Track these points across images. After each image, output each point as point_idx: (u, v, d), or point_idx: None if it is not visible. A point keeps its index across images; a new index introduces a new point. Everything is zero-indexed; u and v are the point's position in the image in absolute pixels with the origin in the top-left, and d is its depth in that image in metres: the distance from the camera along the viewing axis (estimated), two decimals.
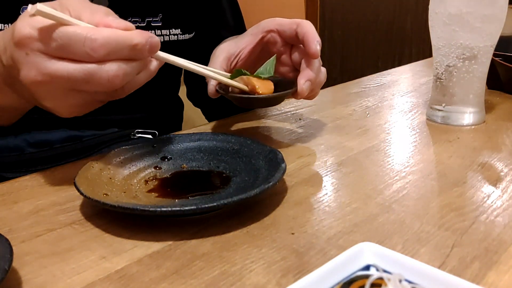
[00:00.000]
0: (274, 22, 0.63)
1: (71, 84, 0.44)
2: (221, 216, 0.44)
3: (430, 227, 0.41)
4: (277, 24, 0.62)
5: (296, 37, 0.60)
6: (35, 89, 0.45)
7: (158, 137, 0.56)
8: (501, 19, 0.65)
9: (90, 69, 0.43)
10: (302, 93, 0.58)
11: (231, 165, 0.52)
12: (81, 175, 0.46)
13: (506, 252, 0.38)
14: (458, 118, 0.69)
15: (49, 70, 0.43)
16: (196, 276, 0.35)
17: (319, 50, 0.58)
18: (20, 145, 0.70)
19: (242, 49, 0.64)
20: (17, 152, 0.70)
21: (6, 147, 0.70)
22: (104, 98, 0.49)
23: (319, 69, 0.60)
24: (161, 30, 0.73)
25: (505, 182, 0.50)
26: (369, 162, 0.56)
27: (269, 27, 0.63)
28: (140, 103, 0.79)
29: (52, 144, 0.71)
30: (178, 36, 0.76)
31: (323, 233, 0.41)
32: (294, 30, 0.60)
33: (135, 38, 0.44)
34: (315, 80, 0.59)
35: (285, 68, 0.65)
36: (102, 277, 0.36)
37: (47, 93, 0.46)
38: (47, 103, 0.47)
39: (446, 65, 0.67)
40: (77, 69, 0.43)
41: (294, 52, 0.63)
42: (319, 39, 0.59)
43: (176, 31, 0.75)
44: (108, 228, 0.42)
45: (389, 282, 0.29)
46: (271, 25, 0.63)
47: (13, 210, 0.46)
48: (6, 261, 0.33)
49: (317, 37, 0.59)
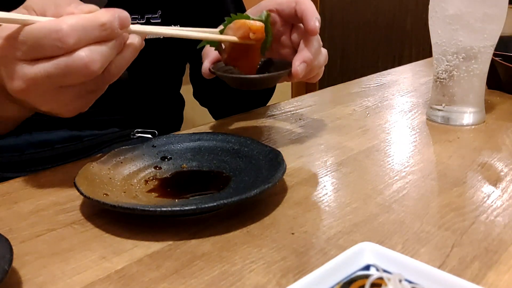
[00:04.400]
0: (273, 1, 0.61)
1: (54, 82, 0.43)
2: (221, 216, 0.44)
3: (430, 227, 0.41)
4: (276, 4, 0.61)
5: (295, 15, 0.59)
6: (25, 98, 0.45)
7: (158, 137, 0.56)
8: (501, 19, 0.65)
9: (64, 61, 0.42)
10: (297, 75, 0.56)
11: (231, 165, 0.52)
12: (81, 175, 0.46)
13: (506, 252, 0.38)
14: (458, 118, 0.69)
15: (29, 76, 0.43)
16: (196, 276, 0.35)
17: (318, 26, 0.56)
18: (20, 145, 0.70)
19: None
20: (17, 153, 0.70)
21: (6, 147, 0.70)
22: (94, 87, 0.47)
23: (318, 50, 0.58)
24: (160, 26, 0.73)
25: (505, 182, 0.50)
26: (369, 162, 0.56)
27: (268, 7, 0.61)
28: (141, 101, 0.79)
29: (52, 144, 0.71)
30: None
31: (323, 233, 0.41)
32: (293, 8, 0.59)
33: (101, 17, 0.43)
34: (312, 62, 0.57)
35: (285, 49, 0.63)
36: (102, 277, 0.36)
37: (38, 98, 0.45)
38: (43, 107, 0.47)
39: (446, 65, 0.67)
40: (53, 65, 0.42)
41: (294, 32, 0.61)
42: (318, 16, 0.57)
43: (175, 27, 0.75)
44: (108, 228, 0.42)
45: (389, 282, 0.29)
46: (270, 5, 0.61)
47: (13, 210, 0.46)
48: (6, 261, 0.33)
49: (316, 13, 0.57)
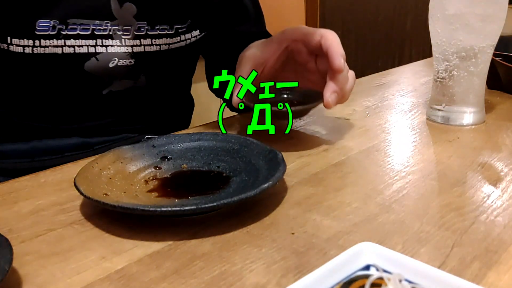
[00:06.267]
0: (299, 31, 0.63)
1: None
2: (221, 216, 0.44)
3: (430, 227, 0.41)
4: (302, 34, 0.62)
5: (320, 48, 0.61)
6: None
7: (158, 137, 0.56)
8: (501, 18, 0.65)
9: None
10: (329, 106, 0.59)
11: (231, 165, 0.52)
12: (81, 175, 0.46)
13: (506, 252, 0.38)
14: (458, 118, 0.69)
15: None
16: (196, 276, 0.35)
17: (343, 63, 0.58)
18: (31, 151, 0.70)
19: (267, 58, 0.64)
20: (28, 159, 0.70)
21: (17, 153, 0.70)
22: None
23: (345, 78, 0.61)
24: (185, 34, 0.73)
25: (505, 182, 0.50)
26: (369, 162, 0.56)
27: (294, 37, 0.63)
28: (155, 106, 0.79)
29: (63, 152, 0.71)
30: (197, 37, 0.76)
31: (323, 233, 0.41)
32: (318, 41, 0.60)
33: None
34: (341, 91, 0.60)
35: (313, 76, 0.65)
36: (102, 277, 0.36)
37: None
38: None
39: (446, 64, 0.67)
40: None
41: (319, 60, 0.63)
42: (343, 52, 0.59)
43: (196, 32, 0.75)
44: (108, 228, 0.42)
45: (389, 282, 0.29)
46: (296, 35, 0.63)
47: (13, 210, 0.46)
48: (6, 261, 0.33)
49: (341, 49, 0.59)
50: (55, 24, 0.62)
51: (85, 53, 0.65)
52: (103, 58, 0.67)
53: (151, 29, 0.69)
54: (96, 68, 0.67)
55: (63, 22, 0.62)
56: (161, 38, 0.71)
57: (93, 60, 0.66)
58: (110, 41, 0.67)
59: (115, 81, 0.70)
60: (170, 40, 0.72)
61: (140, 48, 0.69)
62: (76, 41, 0.64)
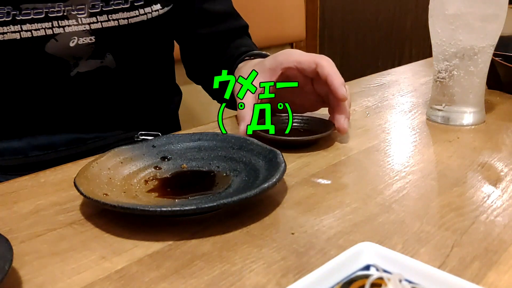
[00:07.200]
0: (292, 58, 0.62)
1: None
2: (221, 216, 0.44)
3: (430, 227, 0.41)
4: (296, 62, 0.62)
5: (316, 74, 0.61)
6: None
7: (158, 137, 0.56)
8: (501, 18, 0.65)
9: None
10: (344, 131, 0.61)
11: (231, 165, 0.52)
12: (81, 175, 0.46)
13: (506, 252, 0.38)
14: (458, 118, 0.69)
15: None
16: (196, 276, 0.35)
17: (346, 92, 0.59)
18: (24, 148, 0.70)
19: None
20: (21, 155, 0.70)
21: (10, 150, 0.70)
22: None
23: (348, 102, 0.62)
24: (144, 8, 0.72)
25: (505, 182, 0.50)
26: (369, 162, 0.56)
27: (288, 64, 0.62)
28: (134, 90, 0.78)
29: (56, 147, 0.71)
30: (159, 11, 0.74)
31: (323, 233, 0.41)
32: (314, 69, 0.61)
33: None
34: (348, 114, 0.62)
35: (311, 97, 0.66)
36: (102, 277, 0.36)
37: None
38: None
39: (446, 64, 0.67)
40: None
41: (317, 84, 0.64)
42: (342, 80, 0.60)
43: (156, 6, 0.74)
44: (108, 228, 0.42)
45: (389, 282, 0.29)
46: (289, 62, 0.62)
47: (13, 210, 0.46)
48: (6, 261, 0.33)
49: (340, 78, 0.59)
50: (9, 10, 0.62)
51: (43, 35, 0.65)
52: (62, 38, 0.66)
53: (105, 5, 0.68)
54: (58, 49, 0.67)
55: (16, 8, 0.62)
56: (117, 13, 0.69)
57: (53, 41, 0.66)
58: (66, 21, 0.66)
59: (81, 61, 0.69)
60: (127, 14, 0.70)
61: (98, 24, 0.69)
62: (32, 25, 0.64)
